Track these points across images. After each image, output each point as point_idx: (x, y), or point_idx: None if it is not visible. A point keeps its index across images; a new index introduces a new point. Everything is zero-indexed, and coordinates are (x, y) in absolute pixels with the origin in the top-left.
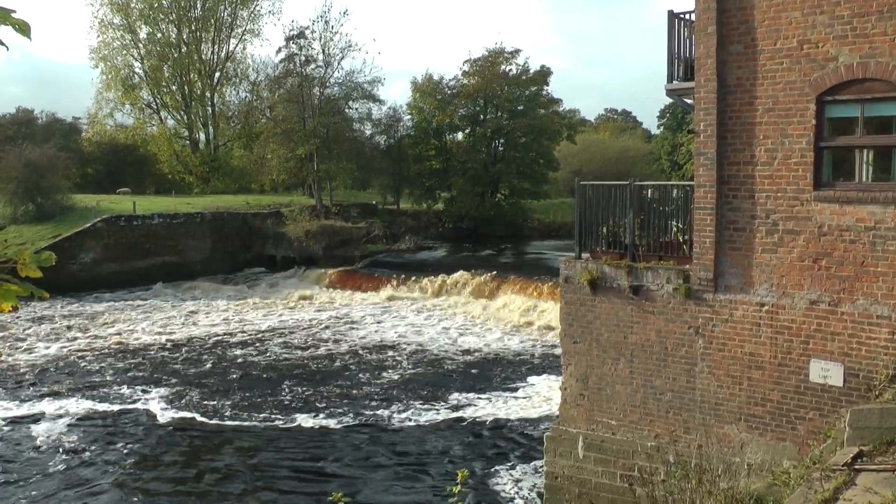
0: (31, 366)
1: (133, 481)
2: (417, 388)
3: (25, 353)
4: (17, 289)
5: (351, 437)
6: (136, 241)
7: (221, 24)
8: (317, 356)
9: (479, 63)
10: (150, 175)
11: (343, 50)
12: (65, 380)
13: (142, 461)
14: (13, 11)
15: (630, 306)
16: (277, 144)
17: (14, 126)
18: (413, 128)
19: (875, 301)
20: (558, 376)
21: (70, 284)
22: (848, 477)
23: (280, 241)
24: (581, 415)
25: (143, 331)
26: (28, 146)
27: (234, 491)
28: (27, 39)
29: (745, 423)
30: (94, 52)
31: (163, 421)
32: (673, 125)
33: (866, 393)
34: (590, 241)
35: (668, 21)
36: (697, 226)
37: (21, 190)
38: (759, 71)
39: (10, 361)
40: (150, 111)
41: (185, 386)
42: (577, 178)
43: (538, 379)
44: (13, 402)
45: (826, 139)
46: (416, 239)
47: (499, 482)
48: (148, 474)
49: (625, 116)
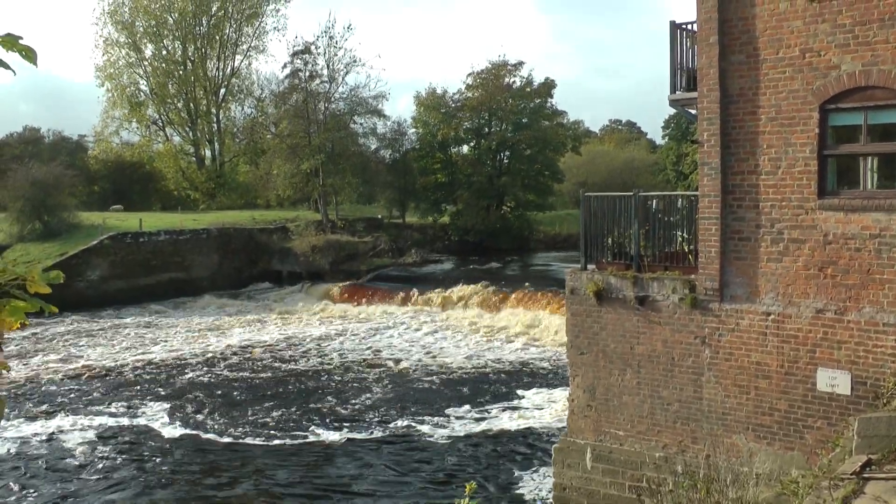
0: (37, 382)
1: (137, 497)
2: (423, 400)
3: (34, 368)
4: (25, 305)
5: (357, 450)
6: (142, 258)
7: (226, 41)
8: (322, 370)
9: (483, 76)
10: (155, 192)
11: (347, 65)
12: (72, 396)
13: (145, 477)
14: (20, 38)
15: (636, 317)
16: (283, 160)
17: (21, 145)
18: (418, 141)
19: (881, 309)
20: (557, 388)
21: (77, 302)
22: (857, 486)
23: (286, 256)
24: (589, 426)
25: (148, 348)
26: (35, 165)
27: None
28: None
29: (753, 432)
30: (100, 71)
31: (168, 436)
32: (678, 135)
33: (874, 401)
34: (595, 252)
35: (670, 31)
36: (702, 236)
37: (28, 208)
38: (762, 80)
39: (15, 377)
40: (155, 128)
41: (190, 402)
42: (582, 190)
43: (544, 390)
44: (18, 419)
45: (830, 147)
46: (422, 252)
47: (507, 494)
48: (154, 491)
49: (629, 127)
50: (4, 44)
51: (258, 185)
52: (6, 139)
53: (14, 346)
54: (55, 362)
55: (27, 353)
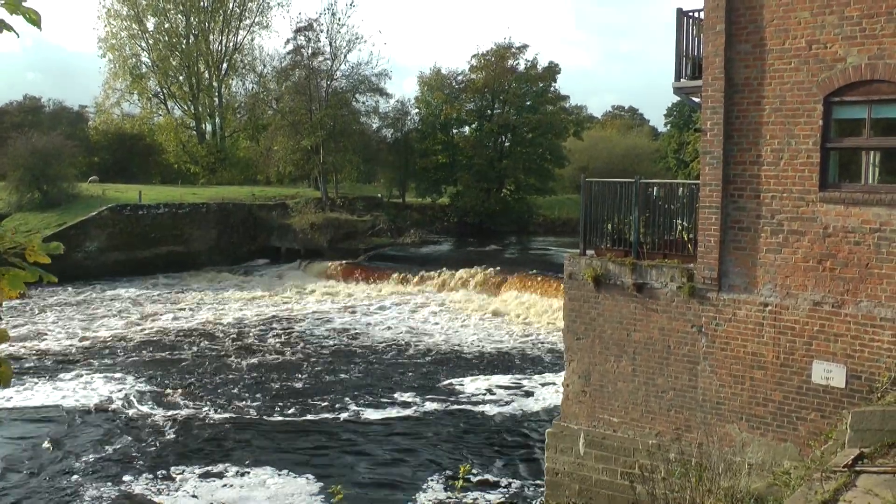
0: (38, 352)
1: (105, 470)
2: (418, 379)
3: (31, 340)
4: (25, 274)
5: (348, 430)
6: (141, 231)
7: (230, 16)
8: (317, 348)
9: (487, 58)
10: (156, 165)
11: (350, 42)
12: (71, 367)
13: (112, 452)
14: (24, 0)
15: (633, 304)
16: (284, 136)
17: (21, 114)
18: (420, 122)
19: (879, 303)
20: (554, 373)
21: (75, 273)
22: (848, 478)
23: (285, 233)
24: (583, 411)
25: (145, 319)
26: (35, 134)
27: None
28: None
29: (747, 422)
30: (103, 42)
31: (144, 412)
32: (680, 123)
33: (868, 395)
34: (594, 238)
35: (676, 19)
36: (702, 225)
37: (27, 177)
38: (767, 70)
39: (13, 349)
40: (157, 101)
41: (172, 376)
42: (583, 175)
43: (539, 375)
44: (14, 387)
45: (833, 140)
46: (421, 233)
47: (501, 476)
48: (127, 463)
49: (632, 114)
50: (8, 6)
51: (259, 161)
52: (6, 107)
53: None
54: (51, 331)
55: (22, 322)
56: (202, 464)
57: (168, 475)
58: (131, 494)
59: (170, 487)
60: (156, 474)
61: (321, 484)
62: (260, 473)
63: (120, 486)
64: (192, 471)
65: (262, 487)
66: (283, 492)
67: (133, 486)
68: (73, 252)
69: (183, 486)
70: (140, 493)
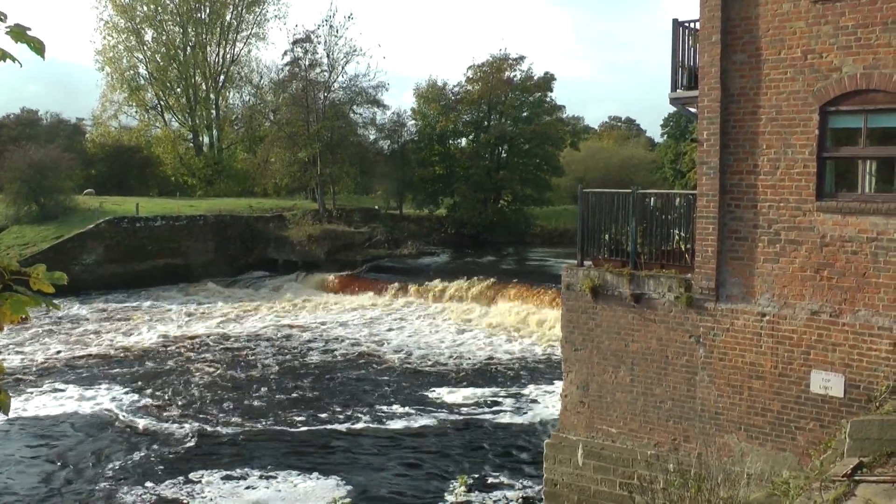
0: (33, 366)
1: (111, 483)
2: (415, 390)
3: (25, 354)
4: (28, 300)
5: (351, 439)
6: (138, 243)
7: (227, 28)
8: (311, 360)
9: (484, 69)
10: (153, 177)
11: (347, 54)
12: (66, 380)
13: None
14: (28, 29)
15: (631, 314)
16: (281, 148)
17: (18, 127)
18: (417, 133)
19: (876, 312)
20: (552, 384)
21: (72, 286)
22: (847, 488)
23: (282, 245)
24: (581, 422)
25: (142, 333)
26: (32, 147)
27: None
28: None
29: (746, 432)
30: (100, 54)
31: (137, 425)
32: (676, 133)
33: (867, 404)
34: (592, 248)
35: (672, 29)
36: (699, 235)
37: (24, 190)
38: (763, 80)
39: (7, 364)
40: (154, 113)
41: (168, 389)
42: (580, 186)
43: (537, 385)
44: (19, 400)
45: (829, 149)
46: (419, 244)
47: (499, 487)
48: (127, 474)
49: (628, 124)
50: (13, 35)
51: (256, 173)
52: (3, 120)
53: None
54: (46, 344)
55: (18, 335)
56: (222, 468)
57: (188, 479)
58: (161, 497)
59: (195, 490)
60: (177, 479)
61: (326, 493)
62: (280, 477)
63: (147, 490)
64: (211, 474)
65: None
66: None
67: (160, 490)
68: (71, 265)
69: (206, 488)
70: (167, 496)
